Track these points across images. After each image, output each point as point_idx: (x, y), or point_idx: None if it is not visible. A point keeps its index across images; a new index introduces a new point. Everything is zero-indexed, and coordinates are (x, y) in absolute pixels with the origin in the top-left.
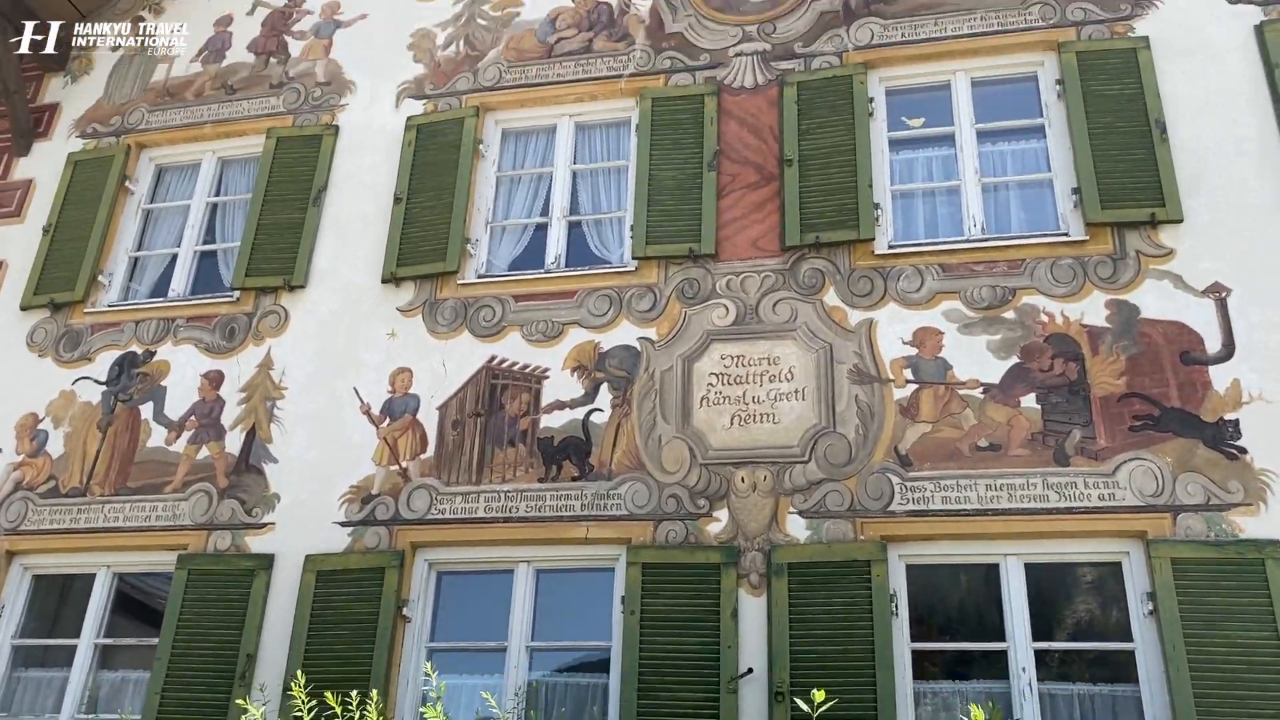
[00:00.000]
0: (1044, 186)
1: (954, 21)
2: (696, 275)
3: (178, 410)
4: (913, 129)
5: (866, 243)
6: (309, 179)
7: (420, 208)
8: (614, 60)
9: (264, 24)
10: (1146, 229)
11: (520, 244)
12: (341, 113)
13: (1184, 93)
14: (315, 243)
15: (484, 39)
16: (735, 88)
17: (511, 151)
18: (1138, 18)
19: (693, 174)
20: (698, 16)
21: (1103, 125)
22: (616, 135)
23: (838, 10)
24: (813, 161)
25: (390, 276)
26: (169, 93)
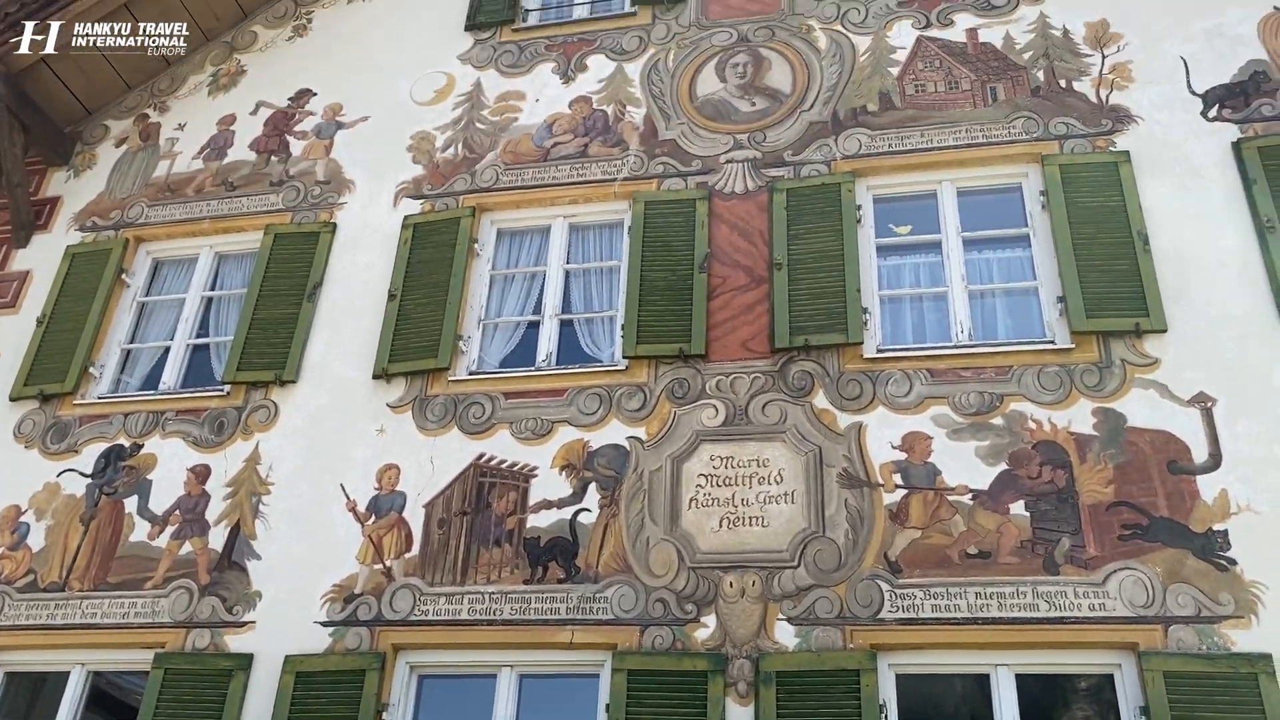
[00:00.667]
0: (1030, 294)
1: (939, 134)
2: (686, 375)
3: (162, 504)
4: (900, 236)
5: (855, 346)
6: (305, 275)
7: (414, 304)
8: (608, 164)
9: (266, 123)
10: (1131, 338)
11: (512, 341)
12: (340, 211)
13: (1165, 206)
14: (308, 338)
15: (482, 142)
16: (726, 193)
17: (506, 250)
18: (1118, 133)
19: (684, 275)
20: (690, 125)
21: (1086, 236)
22: (610, 236)
23: (826, 121)
24: (802, 266)
25: (381, 372)
26: (170, 188)
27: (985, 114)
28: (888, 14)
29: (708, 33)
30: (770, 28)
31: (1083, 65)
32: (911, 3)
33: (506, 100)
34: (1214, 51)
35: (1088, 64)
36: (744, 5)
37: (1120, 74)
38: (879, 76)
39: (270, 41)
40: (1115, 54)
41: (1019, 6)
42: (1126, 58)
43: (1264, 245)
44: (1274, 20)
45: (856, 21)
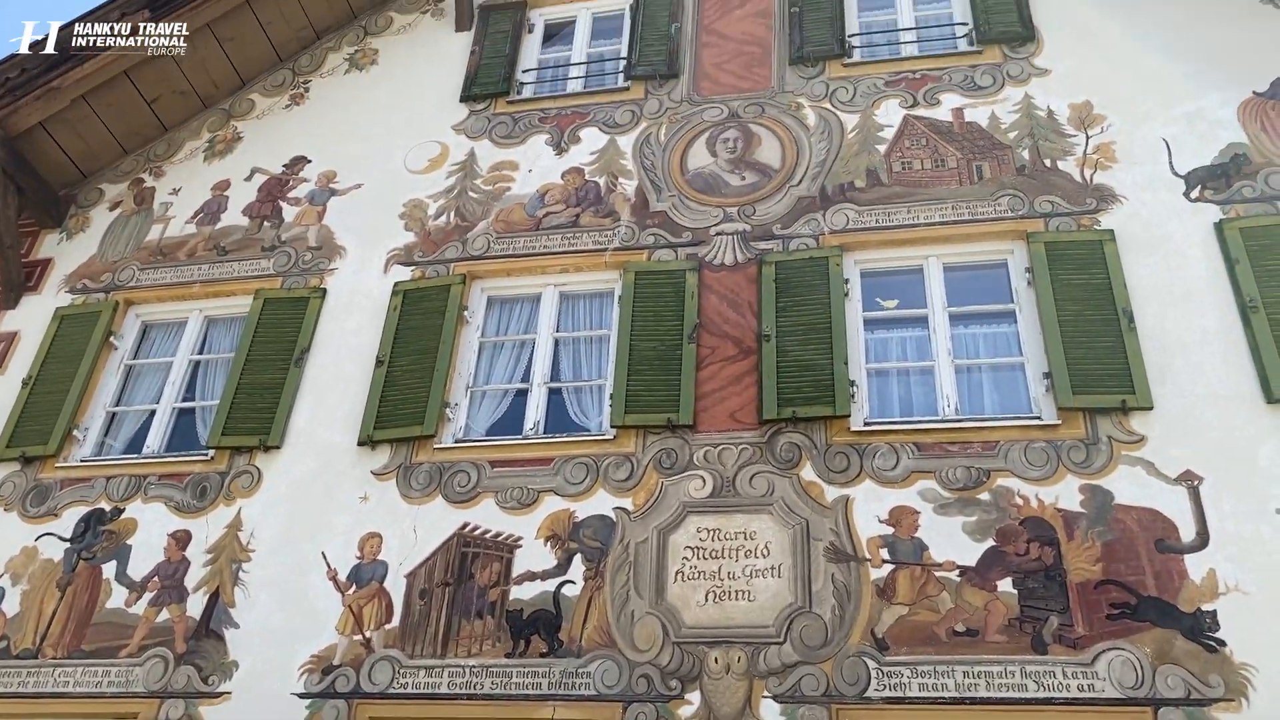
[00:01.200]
0: (1016, 370)
1: (926, 210)
2: (674, 445)
3: (141, 570)
4: (887, 310)
5: (843, 419)
6: (293, 340)
7: (401, 371)
8: (599, 235)
9: (260, 189)
10: (1118, 415)
11: (499, 409)
12: (330, 276)
13: (1149, 284)
14: (294, 403)
15: (475, 211)
16: (716, 264)
17: (496, 318)
18: (1103, 212)
19: (673, 345)
20: (681, 197)
21: (1072, 313)
22: (600, 305)
23: (814, 196)
24: (790, 338)
25: (367, 439)
26: (161, 252)
27: (971, 191)
28: (875, 93)
29: (699, 108)
30: (760, 105)
31: (1067, 145)
32: (899, 83)
33: (500, 170)
34: (1195, 134)
35: (1072, 144)
36: (735, 83)
37: (1104, 154)
38: (866, 153)
39: (267, 109)
40: (1099, 135)
41: (1004, 87)
42: (1110, 138)
43: (1247, 324)
44: (1253, 105)
45: (845, 100)
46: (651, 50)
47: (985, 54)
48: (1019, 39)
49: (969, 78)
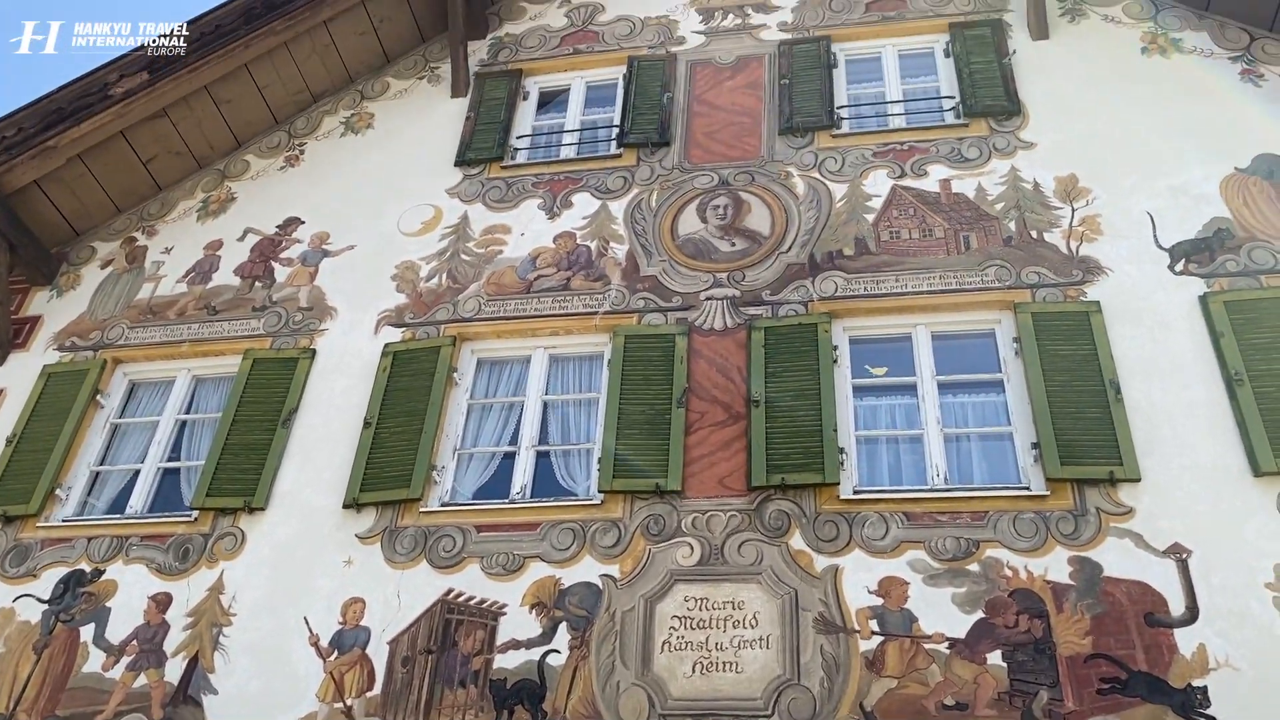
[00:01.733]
0: (1005, 439)
1: (914, 279)
2: (662, 511)
3: (120, 633)
4: (876, 377)
5: (832, 487)
6: (281, 400)
7: (389, 433)
8: (590, 298)
9: (253, 250)
10: (1106, 487)
11: (487, 472)
12: (320, 337)
13: (1135, 355)
14: (280, 464)
15: (466, 273)
16: (705, 329)
17: (485, 380)
18: (1089, 283)
19: (662, 410)
20: (671, 262)
21: (1059, 383)
22: (589, 368)
23: (803, 263)
24: (779, 404)
25: (352, 502)
26: (152, 310)
27: (958, 261)
28: (864, 163)
29: (690, 175)
30: (750, 173)
31: (1053, 217)
32: (886, 154)
33: (492, 233)
34: (1179, 208)
35: (1058, 216)
36: (725, 151)
37: (1090, 226)
38: (855, 222)
39: (262, 170)
40: (1084, 207)
41: (990, 160)
42: (1095, 211)
43: (1233, 397)
44: (1235, 181)
45: (833, 170)
46: (644, 119)
47: (972, 127)
48: (1005, 113)
49: (956, 150)
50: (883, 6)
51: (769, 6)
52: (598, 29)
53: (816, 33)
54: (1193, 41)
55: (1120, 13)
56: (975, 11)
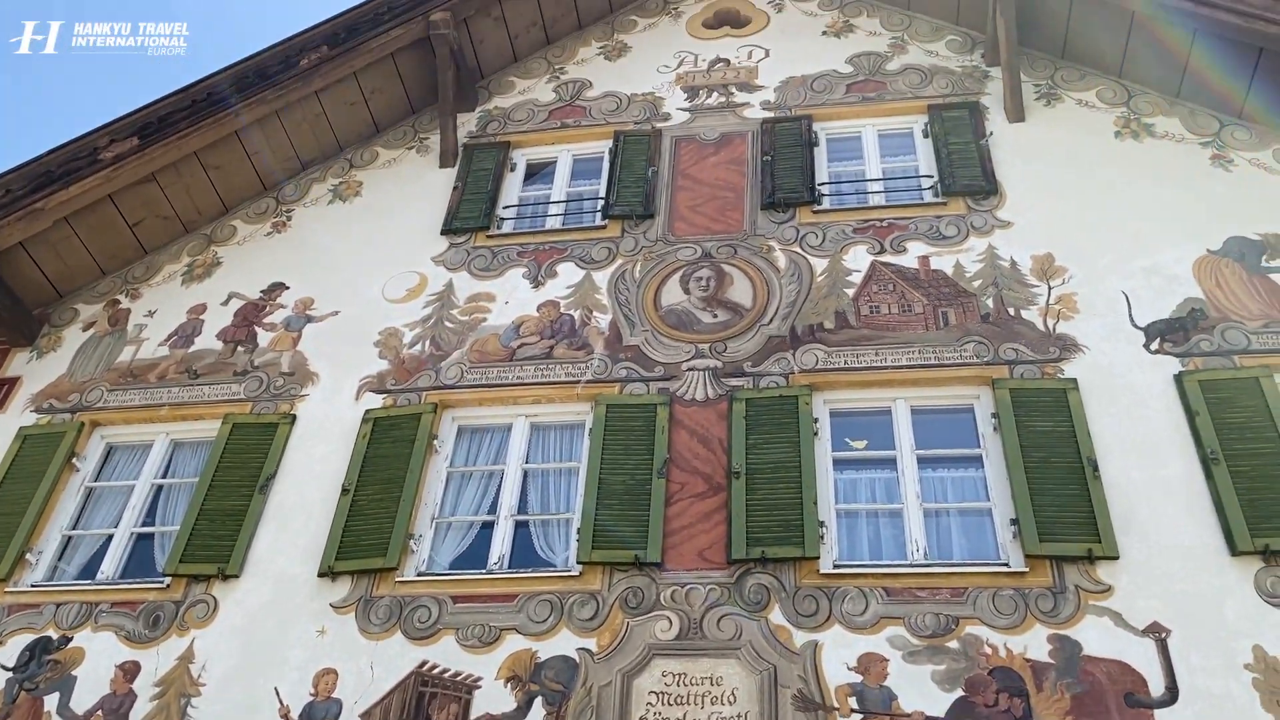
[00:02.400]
0: (984, 515)
1: (893, 353)
2: (641, 584)
3: (84, 703)
4: (856, 450)
5: (812, 560)
6: (259, 466)
7: (367, 500)
8: (573, 367)
9: (236, 314)
10: (1084, 564)
11: (464, 542)
12: (301, 403)
13: (1113, 433)
14: (255, 531)
15: (449, 340)
16: (687, 399)
17: (465, 447)
18: (1066, 361)
19: (642, 480)
20: (654, 333)
21: (1037, 460)
22: (570, 437)
23: (784, 336)
24: (760, 475)
25: (328, 570)
26: (132, 374)
27: (937, 337)
28: (844, 239)
29: (673, 247)
30: (733, 246)
31: (1030, 295)
32: (866, 230)
33: (477, 301)
34: (1153, 288)
35: (1034, 294)
36: (708, 224)
37: (1066, 305)
38: (835, 296)
39: (249, 236)
40: (1061, 286)
41: (968, 238)
42: (1071, 290)
43: (1209, 476)
44: (1207, 262)
45: (814, 245)
46: (629, 191)
47: (950, 205)
48: (982, 192)
49: (934, 227)
50: (863, 88)
51: (752, 86)
52: (585, 104)
53: (798, 112)
54: (1165, 126)
55: (1094, 97)
56: (953, 94)
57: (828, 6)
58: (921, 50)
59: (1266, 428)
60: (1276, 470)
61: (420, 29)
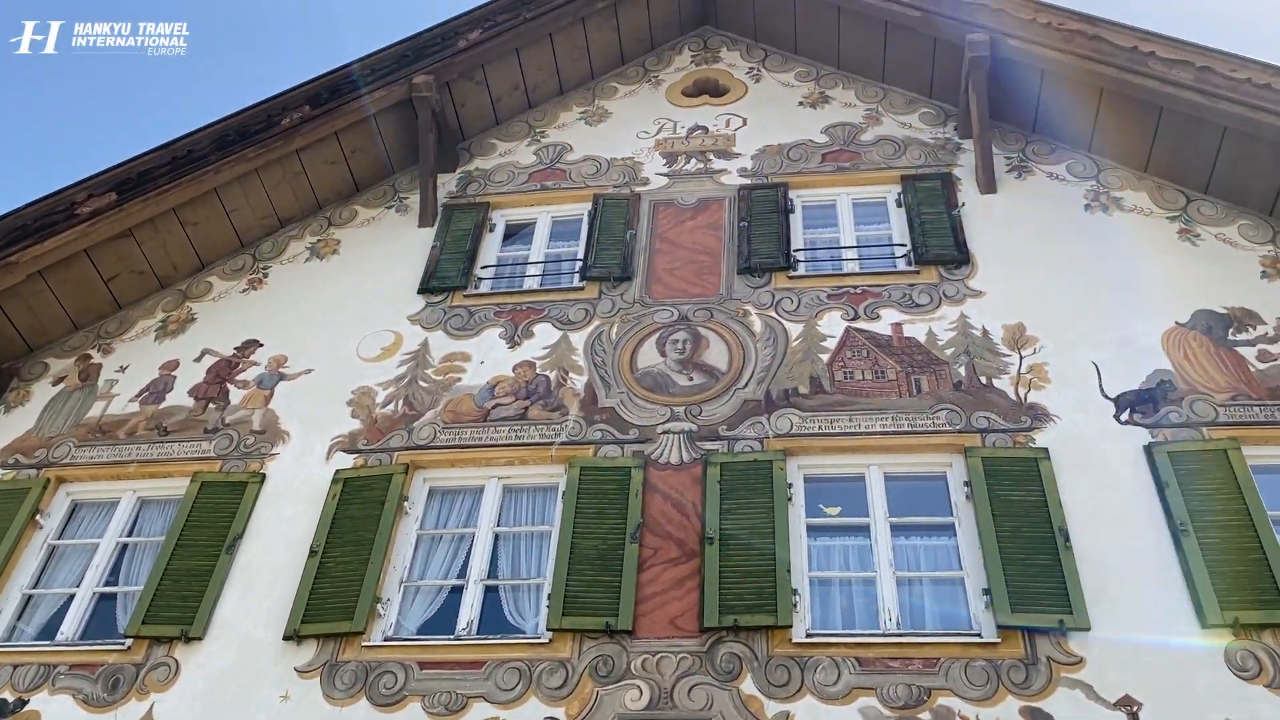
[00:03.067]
0: (956, 584)
1: (867, 419)
2: (611, 652)
3: None
4: (830, 517)
5: (784, 629)
6: (227, 525)
7: (335, 562)
8: (547, 428)
9: (209, 371)
10: (1056, 635)
11: (433, 606)
12: (271, 461)
13: (1084, 503)
14: (221, 592)
15: (423, 400)
16: (662, 463)
17: (436, 510)
18: (1037, 430)
19: (615, 545)
20: (630, 394)
21: (1009, 529)
22: (543, 500)
23: (759, 400)
24: (733, 541)
25: (293, 633)
26: (101, 430)
27: (910, 404)
28: (819, 305)
29: (650, 310)
30: (709, 309)
31: (1001, 364)
32: (841, 296)
33: (452, 360)
34: (1123, 359)
35: (1006, 363)
36: (685, 288)
37: (1038, 374)
38: (810, 361)
39: (224, 292)
40: (1032, 355)
41: (941, 306)
42: (1042, 360)
43: (1179, 548)
44: (1176, 334)
45: (790, 310)
46: (607, 253)
47: (923, 274)
48: (954, 261)
49: (907, 295)
50: (838, 158)
51: (730, 154)
52: (565, 167)
53: (775, 179)
54: (1133, 200)
55: (1064, 170)
56: (926, 165)
57: (804, 78)
58: (895, 122)
59: (1234, 500)
60: (1245, 543)
61: (402, 91)
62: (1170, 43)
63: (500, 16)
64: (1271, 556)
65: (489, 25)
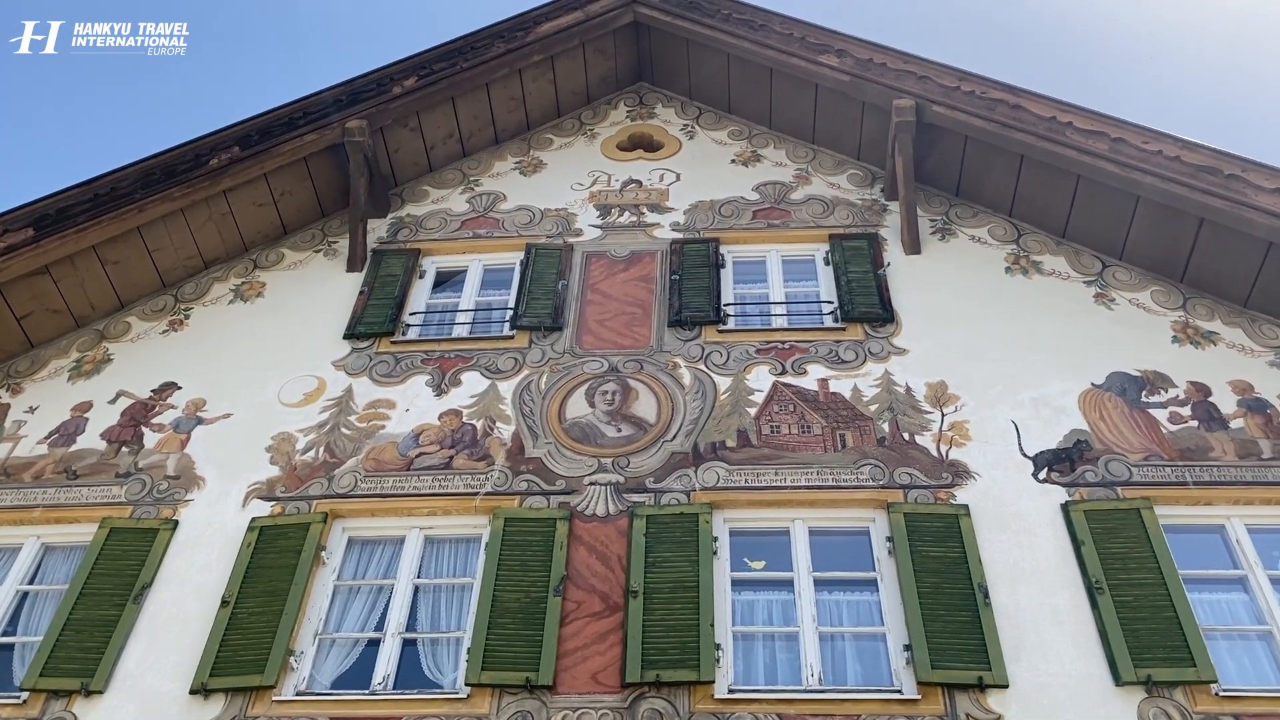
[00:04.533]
0: (878, 640)
1: (792, 473)
2: (531, 708)
3: None
4: (755, 571)
5: (707, 685)
6: (135, 574)
7: (247, 613)
8: (472, 478)
9: (124, 413)
10: (975, 692)
11: (349, 659)
12: (184, 508)
13: (1003, 560)
14: (125, 644)
15: (345, 447)
16: (587, 515)
17: (355, 560)
18: (958, 487)
19: (538, 598)
20: (557, 445)
21: (930, 585)
22: (465, 552)
23: (687, 452)
24: (658, 595)
25: (200, 687)
26: (5, 472)
27: (835, 459)
28: (747, 359)
29: (580, 360)
30: (639, 361)
31: (924, 421)
32: (769, 351)
33: (376, 408)
34: (1041, 419)
35: (928, 420)
36: (615, 339)
37: (959, 432)
38: (738, 415)
39: (143, 333)
40: (954, 413)
41: (866, 363)
42: (964, 417)
43: (1094, 605)
44: (1092, 395)
45: (719, 363)
46: (538, 303)
47: (849, 331)
48: (879, 320)
49: (834, 351)
50: (768, 215)
51: (662, 208)
52: (498, 216)
53: (706, 234)
54: (1051, 264)
55: (986, 234)
56: (854, 225)
57: (737, 136)
58: (825, 182)
59: (1147, 558)
60: (1157, 601)
61: (335, 135)
62: (1087, 114)
63: (437, 65)
64: (1182, 614)
65: (425, 73)
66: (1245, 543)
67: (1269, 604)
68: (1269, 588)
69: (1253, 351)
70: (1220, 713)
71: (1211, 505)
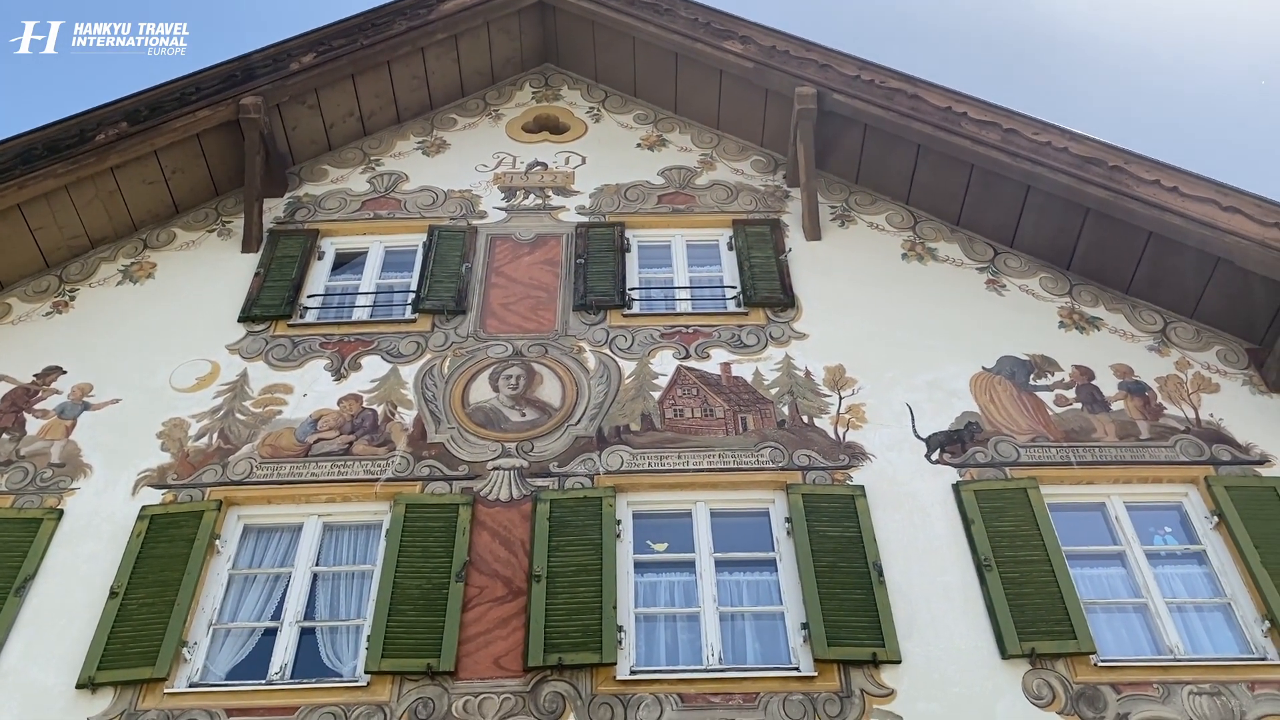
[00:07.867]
0: (777, 619)
1: (695, 456)
2: (433, 694)
3: None
4: (657, 553)
5: (609, 667)
6: (17, 566)
7: (138, 604)
8: (372, 464)
9: (4, 399)
10: (869, 668)
11: (245, 649)
12: (70, 497)
13: (896, 539)
14: (7, 638)
15: (240, 433)
16: (491, 500)
17: (250, 549)
18: (854, 468)
19: (439, 584)
20: (460, 430)
21: (827, 565)
22: (365, 539)
23: (591, 436)
24: (561, 579)
25: (87, 681)
26: None
27: (736, 441)
28: (652, 343)
29: (484, 344)
30: (544, 345)
31: (822, 404)
32: (673, 335)
33: (272, 393)
34: (934, 401)
35: (826, 403)
36: (520, 323)
37: (855, 414)
38: (642, 399)
39: (25, 315)
40: (851, 396)
41: (767, 347)
42: (860, 400)
43: (983, 582)
44: (983, 379)
45: (623, 347)
46: (441, 286)
47: (751, 316)
48: (780, 304)
49: (736, 336)
50: (673, 200)
51: (568, 191)
52: (400, 197)
53: (612, 218)
54: (946, 251)
55: (884, 221)
56: (756, 211)
57: (643, 121)
58: (729, 168)
59: (1033, 536)
60: (1042, 577)
61: (229, 112)
62: (981, 105)
63: (336, 41)
64: (1065, 590)
65: (324, 49)
66: (1124, 520)
67: (1145, 578)
68: (1145, 562)
69: (1133, 336)
70: (1098, 681)
71: (1093, 484)
